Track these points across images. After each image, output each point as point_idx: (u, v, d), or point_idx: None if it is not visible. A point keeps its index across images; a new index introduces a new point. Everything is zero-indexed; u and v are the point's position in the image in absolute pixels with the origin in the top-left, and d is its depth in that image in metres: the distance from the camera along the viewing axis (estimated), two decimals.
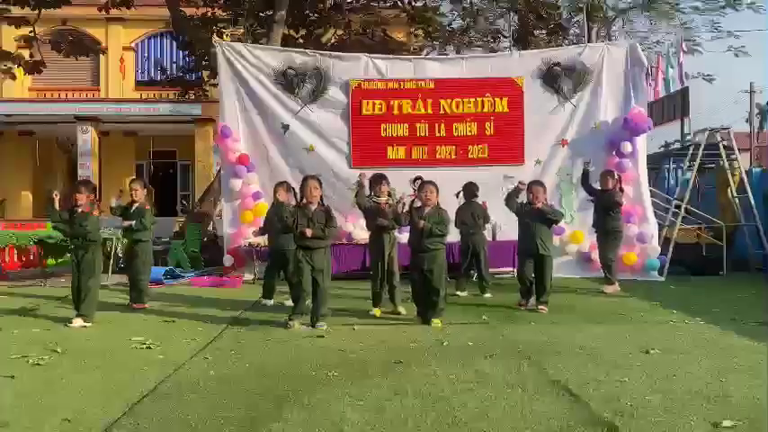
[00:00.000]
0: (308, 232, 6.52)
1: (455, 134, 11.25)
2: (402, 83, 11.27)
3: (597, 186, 9.73)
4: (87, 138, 21.81)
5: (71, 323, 6.71)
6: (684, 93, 15.99)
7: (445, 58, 12.50)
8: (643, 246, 10.74)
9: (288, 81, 11.16)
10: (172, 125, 22.34)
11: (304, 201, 6.72)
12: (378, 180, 7.73)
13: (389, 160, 11.10)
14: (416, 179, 8.25)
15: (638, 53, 11.31)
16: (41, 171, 24.25)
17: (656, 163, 15.58)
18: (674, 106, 16.64)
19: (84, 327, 6.68)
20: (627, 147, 10.85)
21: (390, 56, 11.91)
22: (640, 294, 8.99)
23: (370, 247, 7.79)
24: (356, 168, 11.11)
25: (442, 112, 11.24)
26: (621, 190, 9.51)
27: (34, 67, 16.43)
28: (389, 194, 7.59)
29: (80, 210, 6.95)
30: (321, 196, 6.77)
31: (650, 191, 11.67)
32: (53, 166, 24.72)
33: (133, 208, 8.11)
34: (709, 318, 7.06)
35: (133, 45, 24.67)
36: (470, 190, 9.10)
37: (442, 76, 11.30)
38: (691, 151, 12.47)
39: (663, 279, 10.73)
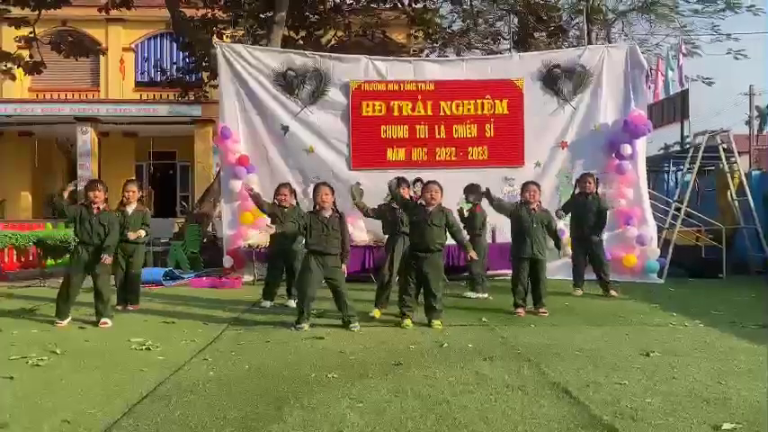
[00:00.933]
0: (344, 269, 6.68)
1: (455, 136, 11.25)
2: (402, 84, 11.26)
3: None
4: (87, 138, 21.81)
5: (103, 323, 6.80)
6: (684, 95, 16.03)
7: (445, 59, 12.53)
8: (642, 248, 10.73)
9: (288, 82, 11.16)
10: (171, 126, 22.35)
11: (317, 207, 6.76)
12: (397, 185, 7.71)
13: (389, 162, 11.11)
14: (417, 181, 8.29)
15: (638, 55, 11.32)
16: (41, 171, 24.28)
17: (655, 165, 15.59)
18: (673, 108, 16.68)
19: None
20: (626, 149, 10.86)
21: (390, 57, 11.93)
22: (639, 296, 8.98)
23: (386, 248, 7.83)
24: (356, 170, 11.20)
25: (441, 113, 11.24)
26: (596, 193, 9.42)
27: (34, 68, 16.48)
28: (411, 198, 7.53)
29: (98, 207, 6.89)
30: (334, 202, 6.80)
31: (649, 193, 11.68)
32: (53, 167, 24.75)
33: (132, 210, 8.07)
34: (708, 320, 7.06)
35: (133, 46, 24.68)
36: (479, 192, 8.90)
37: (441, 78, 11.30)
38: (690, 154, 12.47)
39: (662, 281, 10.73)
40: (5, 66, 16.57)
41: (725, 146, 12.23)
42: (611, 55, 11.34)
